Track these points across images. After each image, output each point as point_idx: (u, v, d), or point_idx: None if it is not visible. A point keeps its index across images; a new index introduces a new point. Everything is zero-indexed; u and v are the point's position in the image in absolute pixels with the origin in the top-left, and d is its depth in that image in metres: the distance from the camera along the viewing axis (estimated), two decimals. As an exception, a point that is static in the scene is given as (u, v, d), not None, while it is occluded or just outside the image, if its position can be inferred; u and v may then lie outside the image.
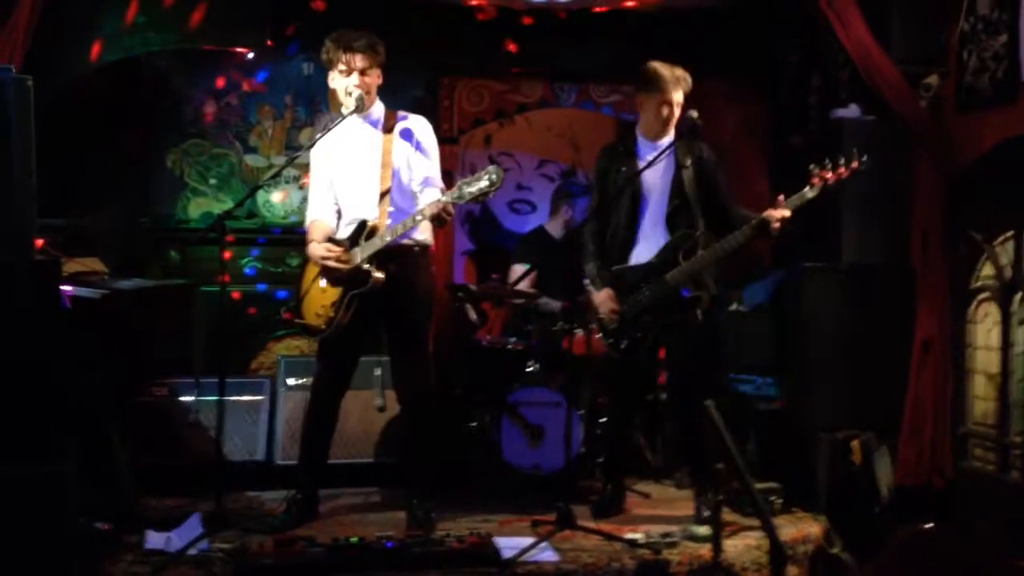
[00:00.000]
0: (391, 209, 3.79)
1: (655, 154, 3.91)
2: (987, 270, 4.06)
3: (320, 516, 3.99)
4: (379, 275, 3.69)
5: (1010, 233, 3.93)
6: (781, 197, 3.82)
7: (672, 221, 3.97)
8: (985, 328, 4.07)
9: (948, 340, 4.14)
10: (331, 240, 3.85)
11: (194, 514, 3.66)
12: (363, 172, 3.84)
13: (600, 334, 4.04)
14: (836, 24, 4.18)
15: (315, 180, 3.98)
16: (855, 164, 3.81)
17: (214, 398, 3.83)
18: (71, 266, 3.95)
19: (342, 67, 3.75)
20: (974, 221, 4.11)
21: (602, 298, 3.98)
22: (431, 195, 3.71)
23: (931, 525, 3.74)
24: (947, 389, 4.14)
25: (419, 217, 3.63)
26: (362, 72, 3.75)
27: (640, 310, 3.95)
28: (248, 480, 4.36)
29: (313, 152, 3.94)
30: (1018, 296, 3.88)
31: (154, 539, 3.51)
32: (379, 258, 3.70)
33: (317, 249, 3.81)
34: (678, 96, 3.93)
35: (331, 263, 3.74)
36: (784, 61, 5.44)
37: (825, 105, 4.86)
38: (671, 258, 3.92)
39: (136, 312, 4.07)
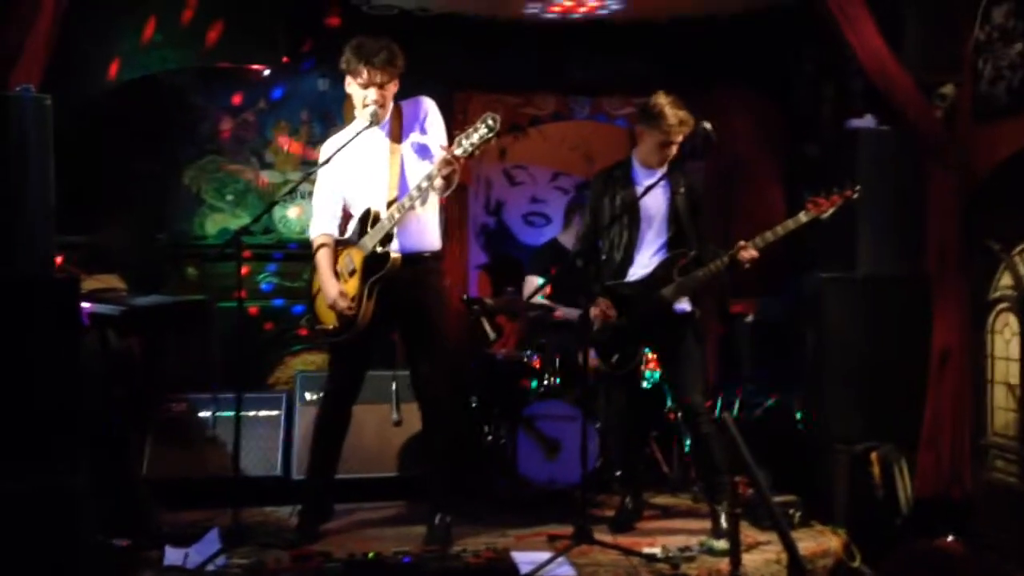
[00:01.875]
0: (399, 191, 3.76)
1: (652, 181, 3.96)
2: (1005, 280, 4.03)
3: (337, 531, 3.99)
4: (396, 255, 3.69)
5: (1028, 243, 3.90)
6: (742, 243, 3.91)
7: (671, 245, 4.06)
8: (1004, 339, 4.03)
9: (967, 351, 4.11)
10: (339, 242, 3.85)
11: (212, 529, 3.67)
12: (372, 179, 3.82)
13: (592, 348, 4.07)
14: (849, 34, 4.17)
15: (322, 187, 3.93)
16: (848, 192, 3.89)
17: (231, 413, 3.85)
18: (89, 283, 3.98)
19: (360, 80, 3.74)
20: (991, 231, 4.07)
21: (599, 307, 4.01)
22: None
23: (951, 538, 3.72)
24: (966, 400, 4.10)
25: (424, 184, 3.61)
26: (380, 86, 3.75)
27: (633, 324, 3.98)
28: (265, 495, 4.37)
29: (323, 158, 3.90)
30: (1037, 306, 3.85)
31: (172, 555, 3.52)
32: (391, 243, 3.69)
33: (330, 292, 3.76)
34: (678, 138, 3.98)
35: (342, 307, 3.72)
36: (798, 71, 5.44)
37: (839, 115, 4.85)
38: (666, 275, 3.99)
39: (154, 328, 4.10)
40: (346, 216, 3.95)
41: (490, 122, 3.40)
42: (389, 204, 3.74)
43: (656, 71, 5.28)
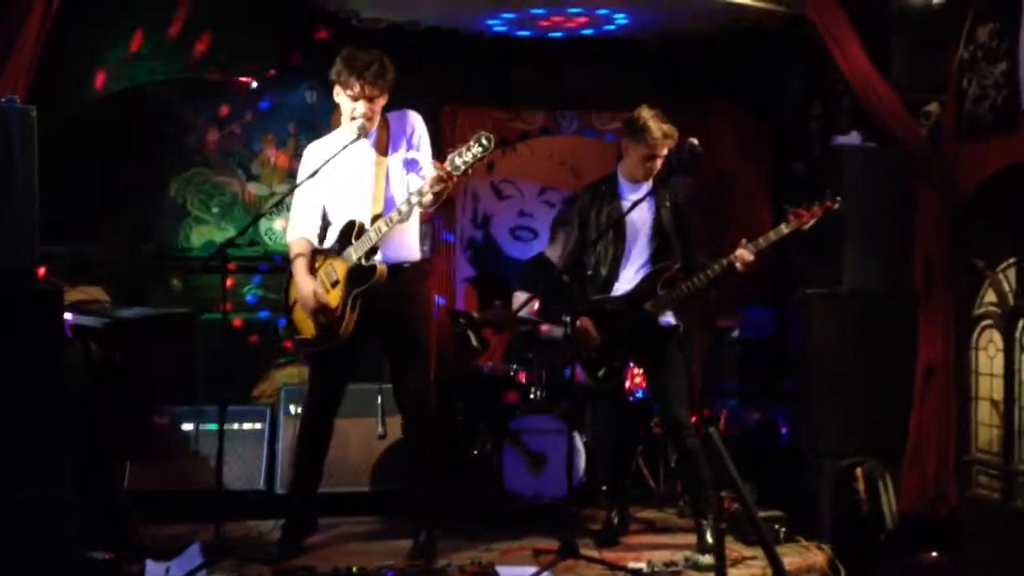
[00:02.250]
0: (384, 205, 3.75)
1: (639, 196, 3.97)
2: (990, 297, 4.05)
3: (320, 545, 3.96)
4: (382, 266, 3.66)
5: (1012, 260, 3.92)
6: (744, 240, 3.90)
7: (655, 259, 4.05)
8: (988, 355, 4.05)
9: (951, 367, 4.12)
10: (318, 251, 3.82)
11: (193, 544, 3.63)
12: (357, 191, 3.80)
13: (578, 363, 4.07)
14: (836, 52, 4.20)
15: (303, 193, 3.88)
16: (828, 204, 3.89)
17: (215, 426, 3.82)
18: (73, 294, 3.95)
19: (350, 92, 3.72)
20: (976, 248, 4.10)
21: (580, 326, 4.00)
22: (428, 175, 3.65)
23: (935, 554, 3.72)
24: (951, 416, 4.12)
25: (414, 199, 3.59)
26: (370, 99, 3.73)
27: (618, 338, 3.98)
28: (248, 509, 4.34)
29: (305, 165, 3.88)
30: (1021, 323, 3.86)
31: (153, 569, 3.48)
32: (375, 256, 3.68)
33: (306, 289, 3.74)
34: (663, 151, 3.98)
35: (311, 305, 3.70)
36: (786, 88, 5.47)
37: (826, 132, 4.88)
38: (650, 289, 3.99)
39: (137, 340, 4.07)
40: (324, 224, 3.93)
41: (484, 141, 3.40)
42: (374, 217, 3.73)
43: (645, 87, 5.29)
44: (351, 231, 3.72)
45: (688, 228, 4.08)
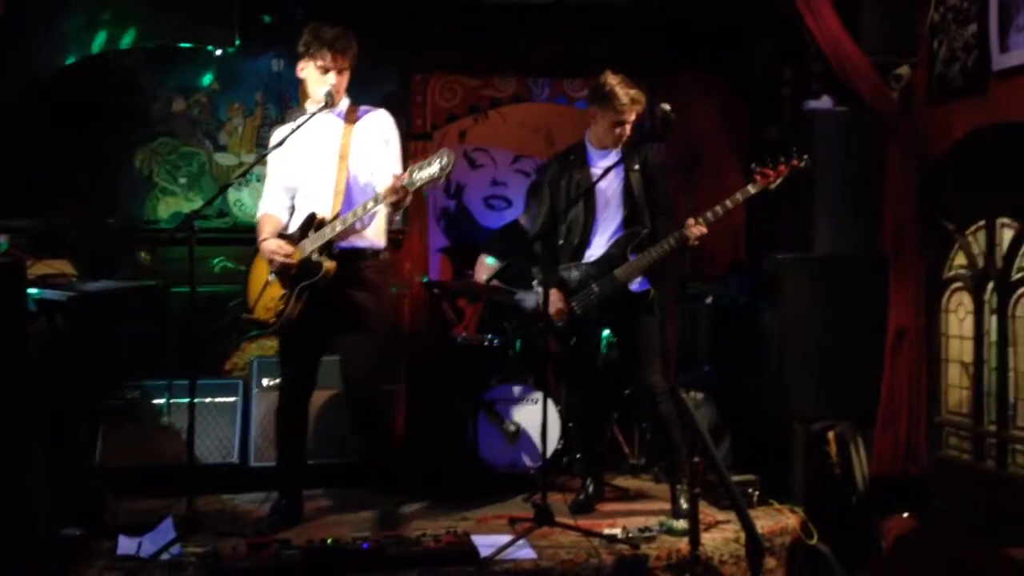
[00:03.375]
0: (344, 201, 3.75)
1: (608, 163, 3.94)
2: (959, 260, 4.07)
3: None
4: (330, 264, 3.67)
5: (981, 223, 3.94)
6: (691, 220, 3.86)
7: (626, 225, 4.03)
8: (958, 317, 4.08)
9: (922, 330, 4.15)
10: (281, 236, 3.81)
11: (166, 518, 3.61)
12: (321, 164, 3.80)
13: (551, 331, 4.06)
14: (808, 16, 4.18)
15: (271, 173, 3.94)
16: (795, 162, 3.87)
17: (186, 400, 3.78)
18: (38, 268, 3.89)
19: (321, 63, 3.74)
20: (946, 211, 4.11)
21: (550, 298, 3.98)
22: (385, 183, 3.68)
23: (907, 515, 3.76)
24: (922, 379, 4.15)
25: (371, 204, 3.60)
26: (339, 72, 3.75)
27: (589, 305, 3.97)
28: (222, 482, 4.31)
29: (272, 143, 3.88)
30: (990, 285, 3.89)
31: (126, 544, 3.46)
32: (329, 253, 3.68)
33: (269, 244, 3.77)
34: (631, 117, 3.94)
35: (279, 258, 3.71)
36: (758, 54, 5.44)
37: (798, 97, 4.86)
38: (620, 254, 3.97)
39: (105, 314, 4.02)
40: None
41: (444, 161, 3.38)
42: (337, 187, 3.73)
43: (616, 53, 5.25)
44: (311, 223, 3.72)
45: (656, 192, 4.05)
